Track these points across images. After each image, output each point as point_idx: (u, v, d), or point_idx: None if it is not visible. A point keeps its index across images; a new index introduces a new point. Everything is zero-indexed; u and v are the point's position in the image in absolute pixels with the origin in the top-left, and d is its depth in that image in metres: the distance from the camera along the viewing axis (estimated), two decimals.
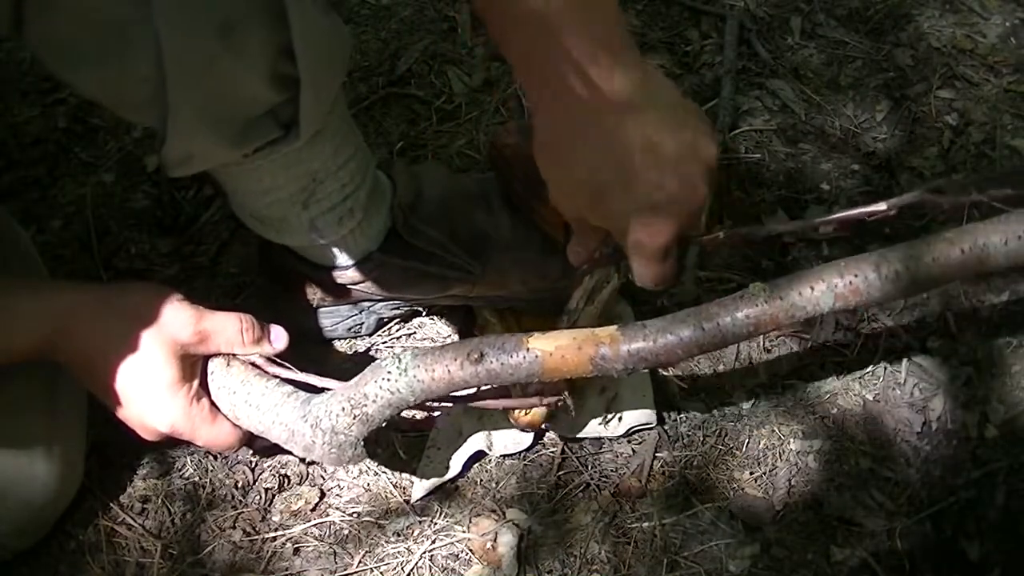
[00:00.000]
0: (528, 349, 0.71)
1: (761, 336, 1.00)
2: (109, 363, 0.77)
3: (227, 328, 0.81)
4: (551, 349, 0.71)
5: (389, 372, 0.73)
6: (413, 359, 0.73)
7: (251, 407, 0.79)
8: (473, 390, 0.77)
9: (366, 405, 0.74)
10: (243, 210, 0.93)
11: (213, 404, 0.81)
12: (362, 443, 0.76)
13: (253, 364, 0.82)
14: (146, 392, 0.78)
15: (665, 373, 0.98)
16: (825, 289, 0.68)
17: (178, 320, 0.79)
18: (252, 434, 0.82)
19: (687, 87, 1.24)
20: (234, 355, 0.81)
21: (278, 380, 0.80)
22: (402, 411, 0.75)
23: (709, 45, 1.29)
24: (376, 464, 0.95)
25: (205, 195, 1.19)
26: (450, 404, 0.84)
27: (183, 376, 0.78)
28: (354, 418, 0.75)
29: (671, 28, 1.32)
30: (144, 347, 0.77)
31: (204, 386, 0.81)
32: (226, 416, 0.81)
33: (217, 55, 0.72)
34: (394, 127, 1.23)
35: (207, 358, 0.81)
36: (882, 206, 0.68)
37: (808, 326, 1.00)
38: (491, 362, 0.71)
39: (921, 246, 0.68)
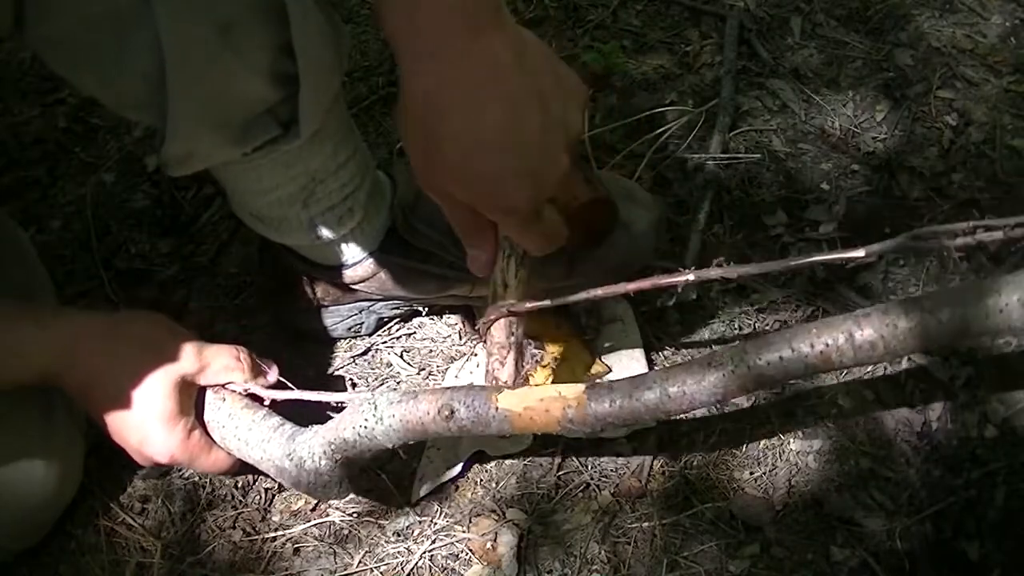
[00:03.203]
0: (497, 408, 0.72)
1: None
2: (111, 394, 0.79)
3: (222, 358, 0.83)
4: (519, 410, 0.72)
5: (366, 420, 0.75)
6: (388, 407, 0.74)
7: (240, 441, 0.83)
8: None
9: (346, 450, 0.77)
10: (243, 209, 0.93)
11: (207, 434, 0.83)
12: (347, 481, 0.79)
13: (245, 392, 0.84)
14: (145, 424, 0.80)
15: None
16: (794, 357, 0.66)
17: (180, 352, 0.81)
18: None
19: (687, 87, 1.24)
20: (223, 387, 0.84)
21: (265, 412, 0.83)
22: (382, 452, 0.77)
23: (709, 45, 1.29)
24: (376, 464, 0.95)
25: (205, 195, 1.19)
26: None
27: (181, 409, 0.80)
28: (335, 462, 0.77)
29: (671, 28, 1.32)
30: (146, 380, 0.79)
31: (199, 417, 0.83)
32: (219, 446, 0.84)
33: (217, 53, 0.72)
34: (394, 127, 1.23)
35: (201, 390, 0.83)
36: (860, 252, 0.65)
37: None
38: (461, 419, 0.73)
39: (897, 313, 0.64)
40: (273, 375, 0.86)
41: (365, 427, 0.75)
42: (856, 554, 0.86)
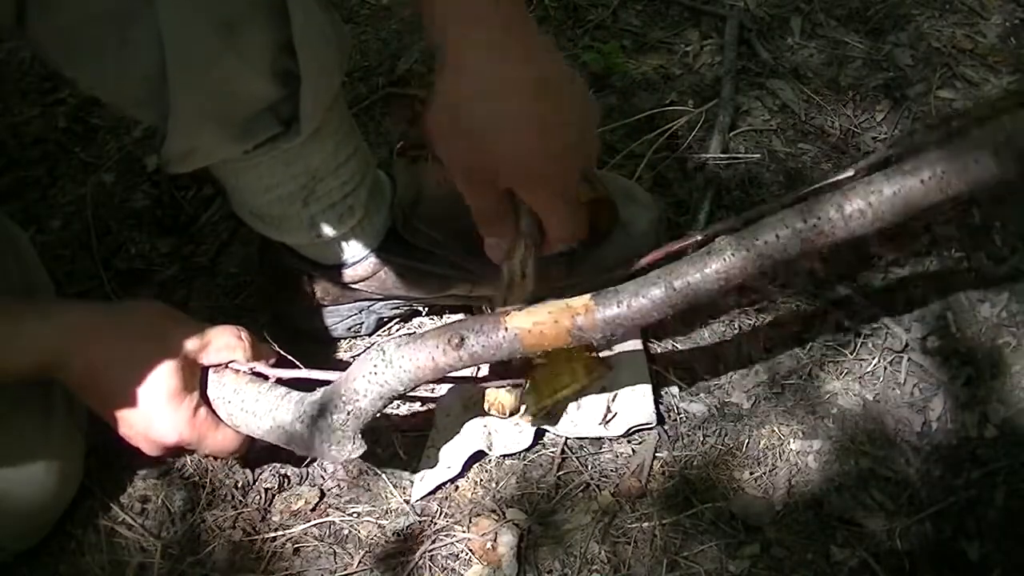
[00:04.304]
0: (507, 328, 0.72)
1: (761, 334, 1.00)
2: (114, 381, 0.79)
3: (224, 337, 0.83)
4: (528, 326, 0.72)
5: (375, 365, 0.74)
6: (397, 349, 0.74)
7: (247, 413, 0.81)
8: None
9: (358, 400, 0.75)
10: (243, 208, 0.93)
11: (213, 413, 0.82)
12: (360, 436, 0.77)
13: (250, 370, 0.83)
14: (150, 405, 0.79)
15: (665, 373, 0.98)
16: (790, 234, 0.67)
17: (180, 333, 0.80)
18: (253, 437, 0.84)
19: (687, 87, 1.24)
20: (226, 365, 0.83)
21: (270, 383, 0.82)
22: (394, 400, 0.76)
23: (709, 45, 1.29)
24: (376, 464, 0.95)
25: (205, 195, 1.19)
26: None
27: (185, 387, 0.80)
28: (348, 414, 0.76)
29: (671, 28, 1.32)
30: (148, 361, 0.79)
31: (204, 396, 0.83)
32: (226, 424, 0.83)
33: (219, 51, 0.72)
34: (394, 127, 1.24)
35: (204, 370, 0.83)
36: (850, 172, 0.68)
37: (807, 326, 1.00)
38: (472, 345, 0.72)
39: (882, 180, 0.66)
40: (271, 358, 0.85)
41: (375, 373, 0.74)
42: (856, 554, 0.86)
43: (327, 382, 0.79)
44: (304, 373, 0.81)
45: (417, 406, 0.99)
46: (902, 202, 0.67)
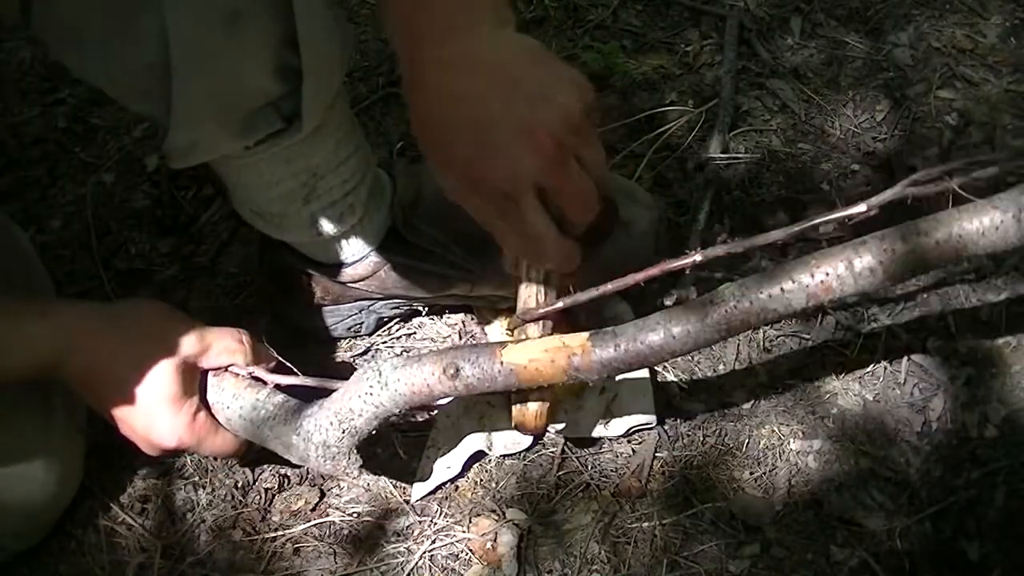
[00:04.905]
0: (502, 363, 0.71)
1: (760, 334, 1.00)
2: (114, 380, 0.79)
3: (224, 340, 0.83)
4: (524, 362, 0.71)
5: (371, 386, 0.75)
6: (393, 372, 0.74)
7: (245, 421, 0.82)
8: None
9: (353, 419, 0.76)
10: (244, 205, 0.93)
11: (212, 416, 0.82)
12: (356, 452, 0.78)
13: (248, 375, 0.83)
14: (150, 408, 0.79)
15: (665, 373, 0.98)
16: (796, 288, 0.66)
17: (181, 335, 0.80)
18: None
19: (687, 87, 1.24)
20: (226, 369, 0.83)
21: (269, 390, 0.82)
22: (389, 419, 0.76)
23: (709, 45, 1.29)
24: (376, 464, 0.95)
25: (205, 195, 1.19)
26: None
27: (184, 391, 0.80)
28: (343, 432, 0.76)
29: (671, 28, 1.32)
30: (148, 363, 0.79)
31: (203, 400, 0.83)
32: (225, 427, 0.83)
33: (222, 45, 0.73)
34: (394, 127, 1.24)
35: (204, 373, 0.83)
36: (862, 207, 0.66)
37: (807, 326, 1.00)
38: (467, 376, 0.72)
39: (895, 239, 0.65)
40: (271, 363, 0.85)
41: (371, 394, 0.74)
42: (856, 554, 0.86)
43: (324, 390, 0.79)
44: (302, 380, 0.82)
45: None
46: (914, 263, 0.65)
